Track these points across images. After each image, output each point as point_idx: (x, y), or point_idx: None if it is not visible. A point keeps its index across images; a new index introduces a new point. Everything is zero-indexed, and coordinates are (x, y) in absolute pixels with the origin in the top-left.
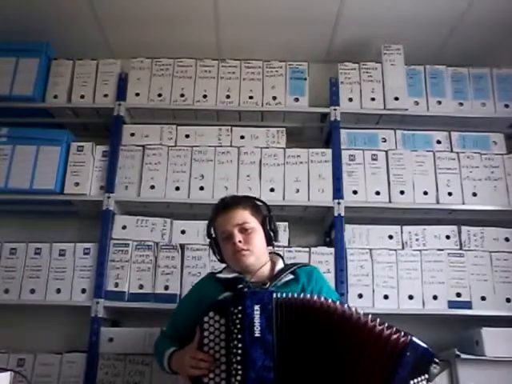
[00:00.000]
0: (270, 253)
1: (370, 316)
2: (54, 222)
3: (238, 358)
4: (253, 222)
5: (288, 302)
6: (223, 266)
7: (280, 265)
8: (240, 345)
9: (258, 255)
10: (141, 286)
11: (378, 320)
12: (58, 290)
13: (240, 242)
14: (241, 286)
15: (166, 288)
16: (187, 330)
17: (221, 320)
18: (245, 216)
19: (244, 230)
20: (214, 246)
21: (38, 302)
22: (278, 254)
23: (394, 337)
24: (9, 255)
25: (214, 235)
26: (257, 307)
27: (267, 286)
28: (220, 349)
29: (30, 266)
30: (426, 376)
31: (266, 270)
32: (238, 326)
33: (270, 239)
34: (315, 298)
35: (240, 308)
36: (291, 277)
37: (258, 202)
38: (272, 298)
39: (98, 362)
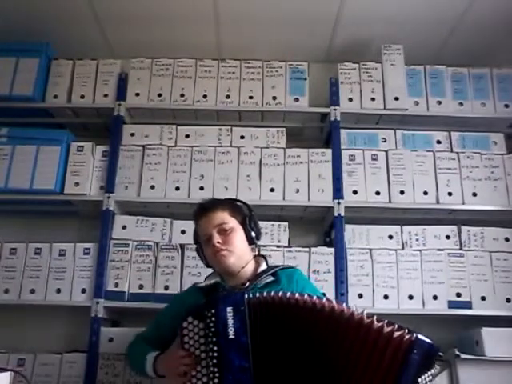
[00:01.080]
0: (255, 255)
1: (365, 312)
2: (54, 222)
3: (215, 360)
4: (231, 222)
5: (263, 301)
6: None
7: (263, 266)
8: (216, 348)
9: (238, 255)
10: (141, 286)
11: (375, 317)
12: (58, 290)
13: (219, 242)
14: (220, 290)
15: (166, 288)
16: (168, 332)
17: (199, 324)
18: (223, 217)
19: (223, 231)
20: (199, 251)
21: (38, 302)
22: (263, 256)
23: (397, 334)
24: (9, 255)
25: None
26: (229, 309)
27: (246, 286)
28: (200, 353)
29: (29, 265)
30: (432, 371)
31: (249, 270)
32: (213, 330)
33: (251, 238)
34: (296, 295)
35: (213, 311)
36: (271, 279)
37: (238, 203)
38: (244, 298)
39: (98, 362)
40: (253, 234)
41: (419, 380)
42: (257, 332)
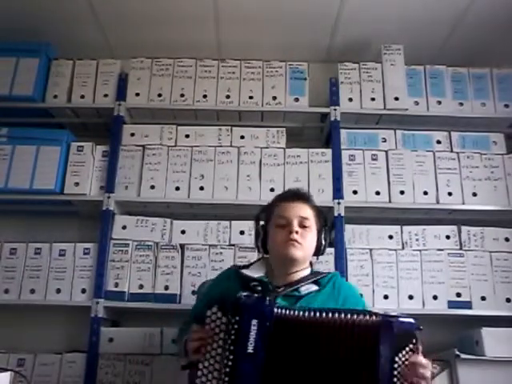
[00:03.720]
0: None
1: (343, 312)
2: (54, 222)
3: (227, 369)
4: (313, 223)
5: (288, 319)
6: (221, 265)
7: (307, 271)
8: (231, 356)
9: (306, 253)
10: (141, 286)
11: (361, 314)
12: (58, 290)
13: (297, 233)
14: (255, 283)
15: (166, 288)
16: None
17: (222, 318)
18: (310, 213)
19: (303, 226)
20: (260, 232)
21: (38, 302)
22: (310, 262)
23: (365, 320)
24: (9, 255)
25: (262, 223)
26: (254, 322)
27: (281, 290)
28: (217, 347)
29: (29, 265)
30: (411, 346)
31: (299, 275)
32: (233, 337)
33: (319, 249)
34: (318, 314)
35: (237, 319)
36: (315, 288)
37: (322, 213)
38: (273, 314)
39: (98, 362)
40: (322, 246)
41: (396, 359)
42: (275, 350)
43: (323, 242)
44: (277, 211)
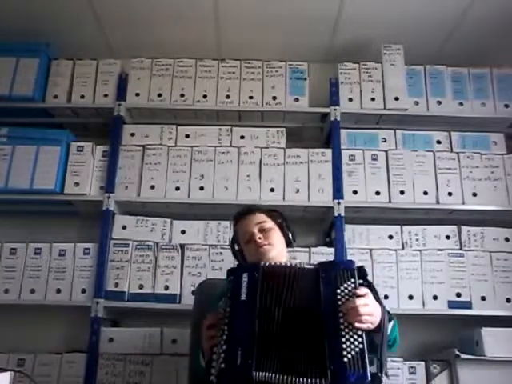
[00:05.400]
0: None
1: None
2: (54, 222)
3: (226, 320)
4: (270, 223)
5: (271, 268)
6: (221, 265)
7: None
8: (228, 308)
9: (278, 249)
10: (141, 286)
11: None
12: (58, 290)
13: (260, 238)
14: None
15: (166, 288)
16: None
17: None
18: (262, 217)
19: (263, 230)
20: (239, 256)
21: (38, 302)
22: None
23: (314, 265)
24: (9, 255)
25: (237, 248)
26: (245, 275)
27: None
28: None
29: (29, 265)
30: (352, 280)
31: None
32: (229, 295)
33: (289, 240)
34: (287, 264)
35: (232, 277)
36: None
37: (273, 211)
38: (260, 267)
39: (98, 362)
40: (290, 236)
41: (338, 291)
42: (264, 294)
43: (289, 234)
44: (239, 233)
